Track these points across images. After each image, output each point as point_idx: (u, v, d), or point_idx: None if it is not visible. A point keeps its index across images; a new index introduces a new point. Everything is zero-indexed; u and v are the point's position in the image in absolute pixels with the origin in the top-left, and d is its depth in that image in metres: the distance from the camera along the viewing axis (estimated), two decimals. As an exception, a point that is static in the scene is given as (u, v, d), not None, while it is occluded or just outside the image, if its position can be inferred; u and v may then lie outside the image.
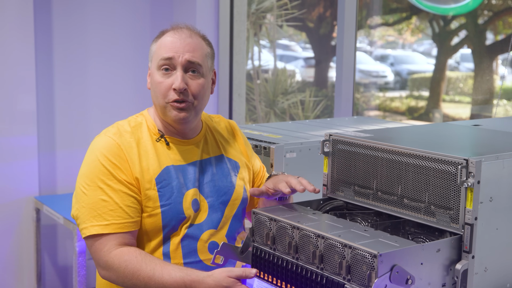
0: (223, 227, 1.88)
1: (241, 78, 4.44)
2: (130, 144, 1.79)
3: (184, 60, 1.78)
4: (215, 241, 1.84)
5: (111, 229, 1.72)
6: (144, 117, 1.88)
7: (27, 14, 3.71)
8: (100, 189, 1.74)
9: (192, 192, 1.82)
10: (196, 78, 1.81)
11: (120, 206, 1.73)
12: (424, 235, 1.59)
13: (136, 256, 1.70)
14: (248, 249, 1.69)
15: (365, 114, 7.41)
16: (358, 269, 1.37)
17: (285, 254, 1.57)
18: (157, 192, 1.77)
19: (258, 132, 2.48)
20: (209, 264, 1.80)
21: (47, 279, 4.02)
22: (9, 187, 3.78)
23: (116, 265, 1.70)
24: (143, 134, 1.83)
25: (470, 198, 1.44)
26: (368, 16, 7.56)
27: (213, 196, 1.86)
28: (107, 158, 1.75)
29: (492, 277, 1.51)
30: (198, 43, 1.82)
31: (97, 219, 1.72)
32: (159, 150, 1.83)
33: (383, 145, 1.64)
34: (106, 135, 1.81)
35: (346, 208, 1.80)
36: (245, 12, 4.49)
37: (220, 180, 1.89)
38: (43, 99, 3.91)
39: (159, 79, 1.79)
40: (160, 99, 1.80)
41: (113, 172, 1.74)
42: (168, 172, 1.80)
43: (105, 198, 1.73)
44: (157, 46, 1.82)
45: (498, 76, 6.07)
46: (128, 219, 1.74)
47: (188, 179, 1.83)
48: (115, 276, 1.71)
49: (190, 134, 1.89)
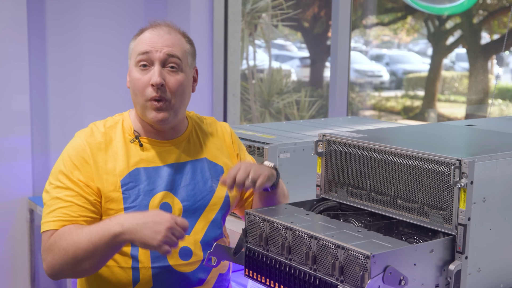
0: (198, 232, 1.83)
1: (236, 78, 4.43)
2: (99, 145, 1.77)
3: (162, 54, 1.75)
4: (187, 247, 1.80)
5: (56, 225, 1.70)
6: (123, 118, 1.86)
7: (20, 14, 3.70)
8: (58, 188, 1.74)
9: (161, 195, 1.78)
10: (175, 73, 1.77)
11: (70, 204, 1.72)
12: (418, 235, 1.59)
13: (69, 227, 1.68)
14: (241, 250, 1.68)
15: (360, 114, 7.42)
16: (351, 270, 1.36)
17: (278, 255, 1.56)
18: (122, 194, 1.74)
19: (252, 133, 2.47)
20: (179, 270, 1.78)
21: (41, 280, 4.00)
22: (3, 188, 3.76)
23: (52, 244, 1.67)
24: (116, 135, 1.81)
25: (463, 198, 1.44)
26: (364, 16, 7.57)
27: (189, 200, 1.81)
28: (69, 159, 1.76)
29: (486, 278, 1.51)
30: (177, 39, 1.80)
31: (49, 216, 1.72)
32: (131, 151, 1.80)
33: (376, 146, 1.64)
34: (78, 135, 1.81)
35: (340, 208, 1.79)
36: (240, 12, 4.48)
37: (199, 184, 1.84)
38: (37, 100, 3.90)
39: (137, 75, 1.76)
40: (138, 97, 1.77)
41: (71, 173, 1.74)
42: (136, 174, 1.77)
43: (59, 195, 1.73)
44: (135, 43, 1.80)
45: (493, 76, 6.09)
46: (75, 217, 1.71)
47: (160, 182, 1.79)
48: (52, 255, 1.66)
49: (171, 135, 1.85)
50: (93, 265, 1.66)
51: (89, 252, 1.62)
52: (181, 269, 1.79)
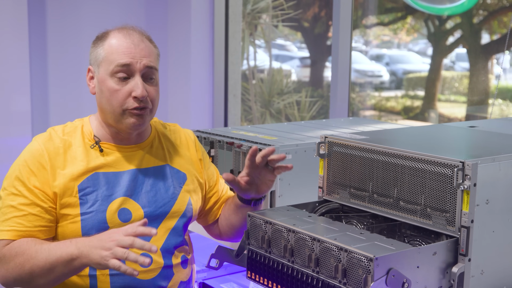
0: (159, 239, 1.79)
1: (236, 78, 4.43)
2: (57, 150, 1.75)
3: (142, 66, 1.73)
4: (147, 253, 1.70)
5: (11, 235, 1.67)
6: (82, 123, 1.84)
7: (21, 15, 3.69)
8: (12, 195, 1.71)
9: (120, 201, 1.75)
10: (153, 84, 1.77)
11: (25, 214, 1.69)
12: (420, 238, 1.59)
13: (27, 240, 1.66)
14: (244, 252, 1.67)
15: (360, 114, 7.41)
16: (354, 272, 1.36)
17: (281, 257, 1.56)
18: (79, 199, 1.72)
19: (253, 134, 2.47)
20: (138, 277, 1.73)
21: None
22: (3, 188, 3.76)
23: (6, 255, 1.65)
24: (75, 140, 1.79)
25: (467, 200, 1.43)
26: (364, 16, 7.56)
27: (150, 207, 1.78)
28: (26, 164, 1.73)
29: (489, 280, 1.50)
30: (150, 46, 1.78)
31: (3, 225, 1.69)
32: (90, 156, 1.77)
33: (378, 147, 1.64)
34: (35, 140, 1.78)
35: (342, 210, 1.79)
36: (240, 13, 4.48)
37: (160, 191, 1.82)
38: (38, 100, 3.89)
39: (115, 86, 1.73)
40: (115, 107, 1.73)
41: (27, 179, 1.71)
42: (95, 179, 1.75)
43: (13, 204, 1.70)
44: (106, 50, 1.76)
45: (494, 76, 6.08)
46: (31, 227, 1.69)
47: (119, 187, 1.76)
48: (6, 267, 1.64)
49: (134, 140, 1.83)
50: (49, 282, 1.64)
51: (45, 271, 1.61)
52: (140, 276, 1.75)
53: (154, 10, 4.24)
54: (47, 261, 1.60)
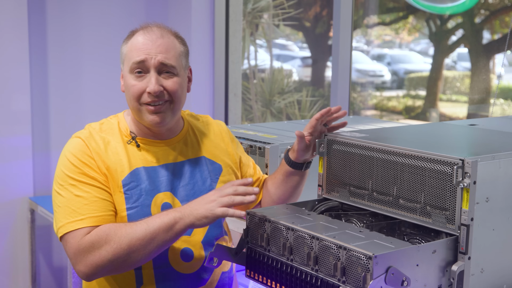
0: (199, 233, 1.82)
1: (237, 77, 4.42)
2: (99, 145, 1.76)
3: (156, 62, 1.74)
4: (189, 248, 1.78)
5: (86, 222, 1.66)
6: (118, 119, 1.85)
7: (21, 14, 3.69)
8: (73, 186, 1.70)
9: (163, 195, 1.77)
10: (171, 77, 1.77)
11: (95, 200, 1.69)
12: (420, 236, 1.58)
13: (113, 223, 1.66)
14: (243, 250, 1.67)
15: (362, 114, 7.40)
16: (353, 270, 1.35)
17: (280, 255, 1.55)
18: (124, 194, 1.73)
19: (253, 132, 2.46)
20: (181, 272, 1.77)
21: (42, 280, 4.00)
22: (3, 188, 3.76)
23: (95, 241, 1.62)
24: (114, 136, 1.80)
25: (466, 198, 1.43)
26: (365, 16, 7.55)
27: (189, 200, 1.78)
28: (75, 157, 1.73)
29: (489, 278, 1.49)
30: (170, 43, 1.78)
31: (73, 216, 1.67)
32: (130, 152, 1.79)
33: (378, 145, 1.63)
34: (76, 136, 1.79)
35: (341, 208, 1.78)
36: (241, 12, 4.47)
37: (198, 184, 1.84)
38: (38, 99, 3.89)
39: (132, 82, 1.75)
40: (133, 102, 1.76)
41: (82, 169, 1.71)
42: (137, 174, 1.76)
43: (79, 193, 1.69)
44: (128, 48, 1.78)
45: (495, 75, 6.07)
46: (104, 211, 1.69)
47: (160, 182, 1.78)
48: (99, 252, 1.62)
49: (167, 135, 1.84)
50: (145, 256, 1.63)
51: (145, 241, 1.61)
52: (183, 271, 1.79)
53: (154, 10, 4.24)
54: (147, 231, 1.61)
